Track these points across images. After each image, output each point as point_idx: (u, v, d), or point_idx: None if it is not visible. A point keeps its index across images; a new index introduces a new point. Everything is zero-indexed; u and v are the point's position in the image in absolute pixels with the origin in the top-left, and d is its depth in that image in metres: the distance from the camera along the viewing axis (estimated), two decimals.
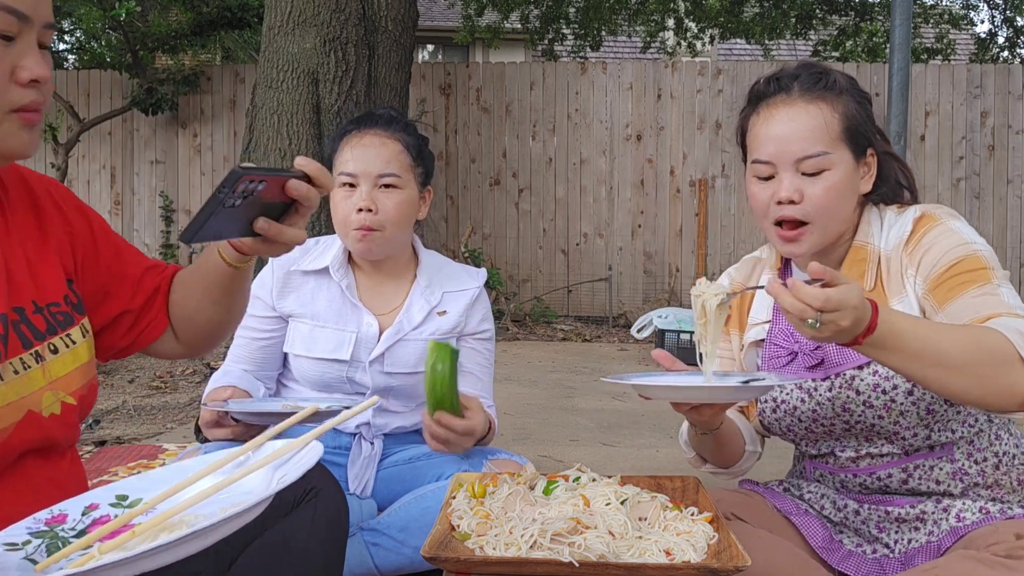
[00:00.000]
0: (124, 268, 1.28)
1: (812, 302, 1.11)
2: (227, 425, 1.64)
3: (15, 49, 1.00)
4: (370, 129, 1.84)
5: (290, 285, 1.86)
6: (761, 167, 1.43)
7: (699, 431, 1.48)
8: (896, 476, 1.41)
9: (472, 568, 1.10)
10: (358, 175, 1.80)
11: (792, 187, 1.39)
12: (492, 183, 7.78)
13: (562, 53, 11.77)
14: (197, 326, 1.33)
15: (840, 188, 1.39)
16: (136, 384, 4.63)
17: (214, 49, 10.61)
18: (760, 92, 1.46)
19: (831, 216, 1.40)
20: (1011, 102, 7.55)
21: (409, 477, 1.81)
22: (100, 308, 1.25)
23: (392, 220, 1.80)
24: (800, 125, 1.39)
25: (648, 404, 4.28)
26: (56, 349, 1.09)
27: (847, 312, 1.11)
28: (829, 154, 1.38)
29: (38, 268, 1.13)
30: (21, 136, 1.02)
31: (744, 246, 7.54)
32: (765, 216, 1.44)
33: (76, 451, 1.20)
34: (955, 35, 11.86)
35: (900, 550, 1.39)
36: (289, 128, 6.21)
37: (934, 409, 1.36)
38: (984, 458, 1.40)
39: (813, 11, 10.21)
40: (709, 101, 7.69)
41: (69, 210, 1.23)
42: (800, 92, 1.41)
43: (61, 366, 1.09)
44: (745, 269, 1.64)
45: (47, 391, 1.06)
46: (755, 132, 1.45)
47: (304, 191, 1.08)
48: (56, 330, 1.10)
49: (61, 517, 0.97)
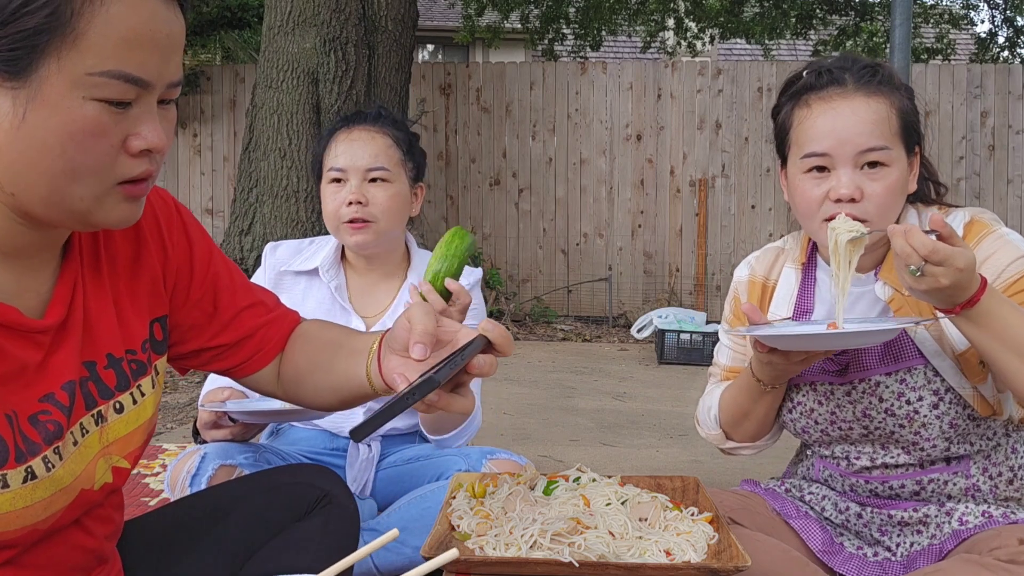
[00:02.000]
0: (217, 306, 1.15)
1: (919, 248, 1.13)
2: (225, 426, 1.64)
3: (131, 115, 0.83)
4: (359, 125, 1.84)
5: (282, 285, 1.86)
6: (816, 159, 1.34)
7: (769, 386, 1.41)
8: (909, 487, 1.40)
9: (472, 568, 1.09)
10: (347, 169, 1.79)
11: (852, 184, 1.31)
12: (492, 183, 7.78)
13: (562, 53, 11.76)
14: (303, 392, 1.20)
15: (897, 187, 1.33)
16: None
17: (214, 49, 10.59)
18: (807, 84, 1.38)
19: (887, 217, 1.34)
20: (1011, 102, 7.54)
21: (409, 477, 1.80)
22: (181, 339, 1.15)
23: (384, 211, 1.79)
24: (863, 118, 1.32)
25: (648, 404, 4.29)
26: (121, 408, 0.97)
27: (950, 271, 1.13)
28: (890, 150, 1.32)
29: (125, 312, 1.01)
30: (121, 209, 0.87)
31: (744, 246, 7.54)
32: (816, 215, 1.36)
33: (119, 494, 1.08)
34: (955, 35, 11.85)
35: (902, 553, 1.38)
36: (289, 128, 6.21)
37: (957, 424, 1.33)
38: (999, 472, 1.38)
39: (813, 11, 10.20)
40: (709, 101, 7.69)
41: (171, 232, 1.10)
42: (856, 85, 1.34)
43: (123, 426, 0.97)
44: (767, 259, 1.59)
45: (100, 459, 0.94)
46: (806, 125, 1.36)
47: (487, 368, 0.98)
48: (127, 384, 0.98)
49: None
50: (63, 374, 0.90)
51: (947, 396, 1.32)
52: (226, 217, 7.28)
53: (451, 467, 1.73)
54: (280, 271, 1.86)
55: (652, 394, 4.63)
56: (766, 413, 1.49)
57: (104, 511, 1.00)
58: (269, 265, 1.86)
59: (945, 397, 1.32)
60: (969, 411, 1.33)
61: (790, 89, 1.42)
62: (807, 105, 1.37)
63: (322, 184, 1.85)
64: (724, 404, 1.55)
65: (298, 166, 6.20)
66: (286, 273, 1.86)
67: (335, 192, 1.80)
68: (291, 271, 1.86)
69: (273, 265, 1.86)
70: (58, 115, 0.78)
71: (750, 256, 1.63)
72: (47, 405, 0.87)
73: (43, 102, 0.78)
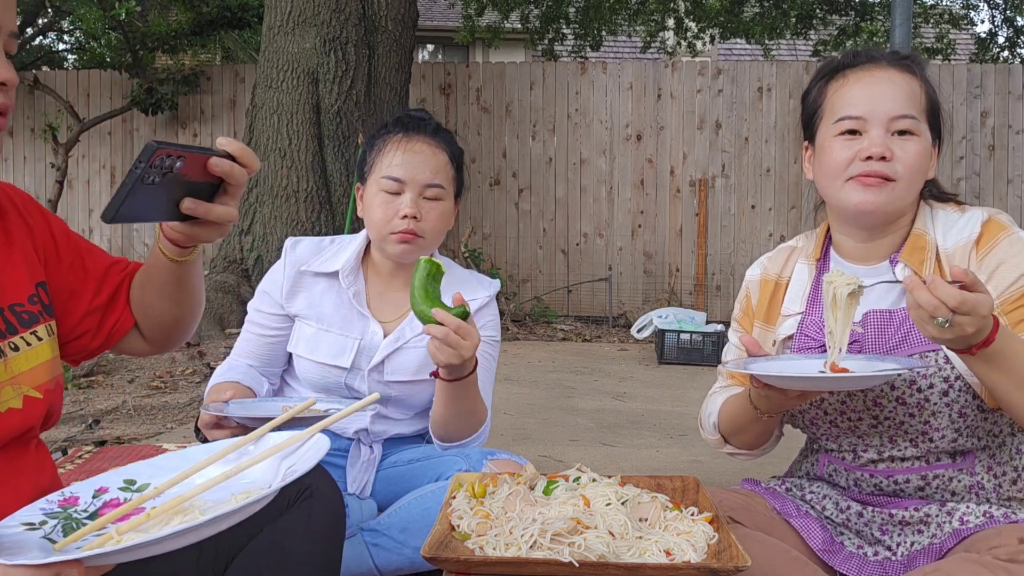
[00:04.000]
0: (86, 266, 1.30)
1: (948, 300, 1.13)
2: (227, 426, 1.64)
3: None
4: (419, 135, 1.81)
5: (301, 285, 1.85)
6: (850, 122, 1.40)
7: (764, 415, 1.44)
8: (914, 482, 1.40)
9: (472, 568, 1.09)
10: (405, 181, 1.77)
11: (883, 143, 1.36)
12: (492, 183, 7.78)
13: (562, 53, 11.77)
14: (156, 322, 1.33)
15: (923, 158, 1.39)
16: (136, 384, 4.63)
17: (214, 49, 10.61)
18: (844, 63, 1.46)
19: (914, 181, 1.39)
20: (1011, 102, 7.55)
21: (409, 477, 1.80)
22: (67, 308, 1.27)
23: (433, 228, 1.79)
24: (897, 86, 1.39)
25: (648, 404, 4.29)
26: (17, 347, 1.11)
27: (976, 319, 1.14)
28: (920, 122, 1.39)
29: (5, 273, 1.15)
30: None
31: (744, 246, 7.55)
32: (842, 174, 1.40)
33: (43, 443, 1.22)
34: (955, 35, 11.86)
35: (903, 552, 1.38)
36: (289, 128, 6.21)
37: (966, 413, 1.34)
38: (1003, 472, 1.39)
39: (813, 11, 10.21)
40: (709, 101, 7.69)
41: (30, 215, 1.25)
42: (889, 62, 1.42)
43: (24, 361, 1.11)
44: (780, 258, 1.60)
45: (7, 386, 1.08)
46: (842, 92, 1.43)
47: (227, 168, 1.07)
48: (17, 329, 1.12)
49: (73, 499, 0.99)
50: None
51: (957, 383, 1.33)
52: None
53: (451, 467, 1.74)
54: (300, 270, 1.85)
55: (652, 394, 4.63)
56: (764, 431, 1.52)
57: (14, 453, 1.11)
58: (289, 261, 1.85)
59: (955, 384, 1.33)
60: (978, 401, 1.34)
61: (824, 71, 1.49)
62: (843, 76, 1.44)
63: (368, 186, 1.82)
64: (723, 416, 1.56)
65: (298, 166, 6.20)
66: (306, 273, 1.85)
67: (388, 201, 1.78)
68: (311, 271, 1.85)
69: (293, 262, 1.85)
70: None
71: (763, 256, 1.65)
72: None
73: None
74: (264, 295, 1.86)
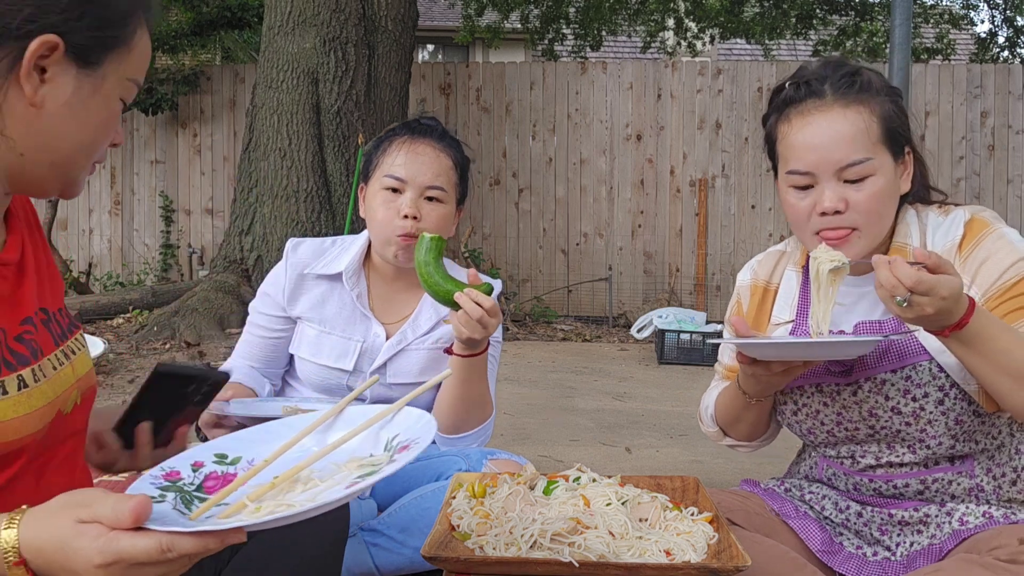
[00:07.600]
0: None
1: (904, 280, 1.15)
2: (227, 425, 1.64)
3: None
4: (424, 138, 1.81)
5: (302, 287, 1.84)
6: (799, 178, 1.36)
7: (754, 399, 1.45)
8: (913, 486, 1.40)
9: (472, 568, 1.09)
10: (407, 181, 1.77)
11: (836, 196, 1.33)
12: (492, 183, 7.78)
13: (562, 53, 11.76)
14: None
15: (884, 194, 1.35)
16: (136, 384, 4.63)
17: (214, 49, 10.61)
18: (788, 98, 1.40)
19: (877, 222, 1.36)
20: (1011, 102, 7.55)
21: (409, 477, 1.80)
22: None
23: (433, 230, 1.77)
24: (840, 132, 1.33)
25: (648, 404, 4.29)
26: (75, 350, 1.12)
27: (935, 300, 1.15)
28: (872, 160, 1.33)
29: (48, 276, 1.16)
30: (84, 180, 1.08)
31: (744, 246, 7.55)
32: (805, 227, 1.38)
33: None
34: (955, 35, 11.86)
35: (902, 553, 1.38)
36: (289, 128, 6.21)
37: (963, 420, 1.34)
38: (1003, 473, 1.38)
39: (813, 11, 10.21)
40: (709, 101, 7.69)
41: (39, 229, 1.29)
42: (834, 96, 1.35)
43: (81, 365, 1.12)
44: (769, 262, 1.59)
45: (74, 389, 1.08)
46: (788, 142, 1.38)
47: None
48: (72, 331, 1.14)
49: (175, 474, 0.99)
50: (32, 305, 1.05)
51: (952, 392, 1.32)
52: (226, 217, 7.28)
53: (451, 467, 1.73)
54: (302, 273, 1.85)
55: (652, 394, 4.63)
56: (757, 419, 1.52)
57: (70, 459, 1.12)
58: (291, 264, 1.85)
59: (950, 393, 1.32)
60: (974, 407, 1.33)
61: (774, 101, 1.45)
62: (788, 120, 1.40)
63: (371, 186, 1.83)
64: (718, 407, 1.57)
65: (298, 166, 6.20)
66: (308, 275, 1.85)
67: (389, 200, 1.78)
68: (313, 274, 1.85)
69: (295, 264, 1.85)
70: (105, 104, 1.00)
71: (752, 260, 1.64)
72: (28, 327, 1.02)
73: (98, 91, 0.99)
74: (265, 297, 1.86)
